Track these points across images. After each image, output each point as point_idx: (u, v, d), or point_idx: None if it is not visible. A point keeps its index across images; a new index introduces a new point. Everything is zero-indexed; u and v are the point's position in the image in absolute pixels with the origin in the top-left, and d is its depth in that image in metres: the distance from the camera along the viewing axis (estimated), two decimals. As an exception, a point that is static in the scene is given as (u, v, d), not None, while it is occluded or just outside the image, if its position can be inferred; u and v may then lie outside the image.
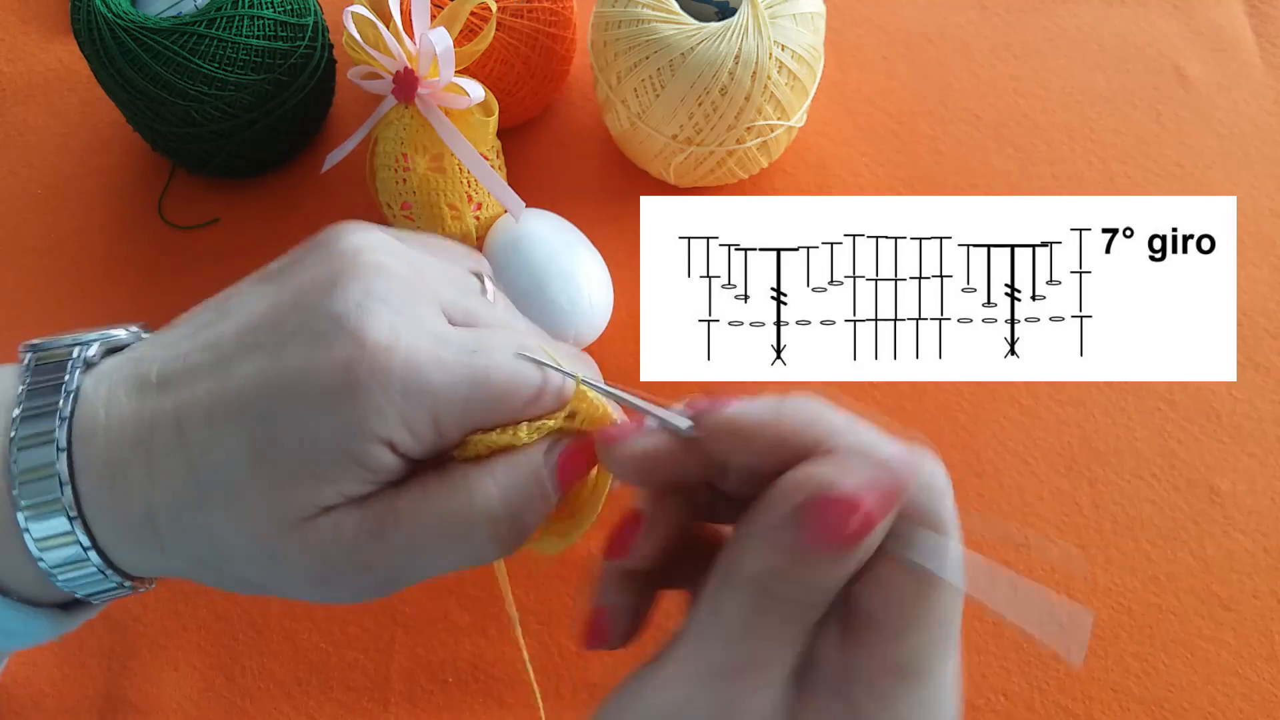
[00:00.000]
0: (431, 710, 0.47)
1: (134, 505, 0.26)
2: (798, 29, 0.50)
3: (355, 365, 0.25)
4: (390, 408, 0.25)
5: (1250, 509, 0.50)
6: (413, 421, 0.25)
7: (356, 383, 0.25)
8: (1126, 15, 0.64)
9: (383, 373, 0.25)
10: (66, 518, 0.26)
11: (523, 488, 0.27)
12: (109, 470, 0.26)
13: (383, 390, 0.25)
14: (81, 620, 0.30)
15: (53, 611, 0.28)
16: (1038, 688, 0.46)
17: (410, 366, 0.25)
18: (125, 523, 0.26)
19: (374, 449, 0.25)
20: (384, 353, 0.25)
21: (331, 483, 0.25)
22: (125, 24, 0.51)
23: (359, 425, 0.25)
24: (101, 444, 0.26)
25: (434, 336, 0.26)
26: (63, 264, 0.60)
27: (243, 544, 0.26)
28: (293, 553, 0.26)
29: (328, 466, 0.25)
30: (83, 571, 0.27)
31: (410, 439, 0.26)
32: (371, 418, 0.25)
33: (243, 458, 0.25)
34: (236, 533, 0.26)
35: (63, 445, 0.26)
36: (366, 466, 0.25)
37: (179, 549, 0.26)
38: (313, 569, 0.26)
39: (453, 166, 0.51)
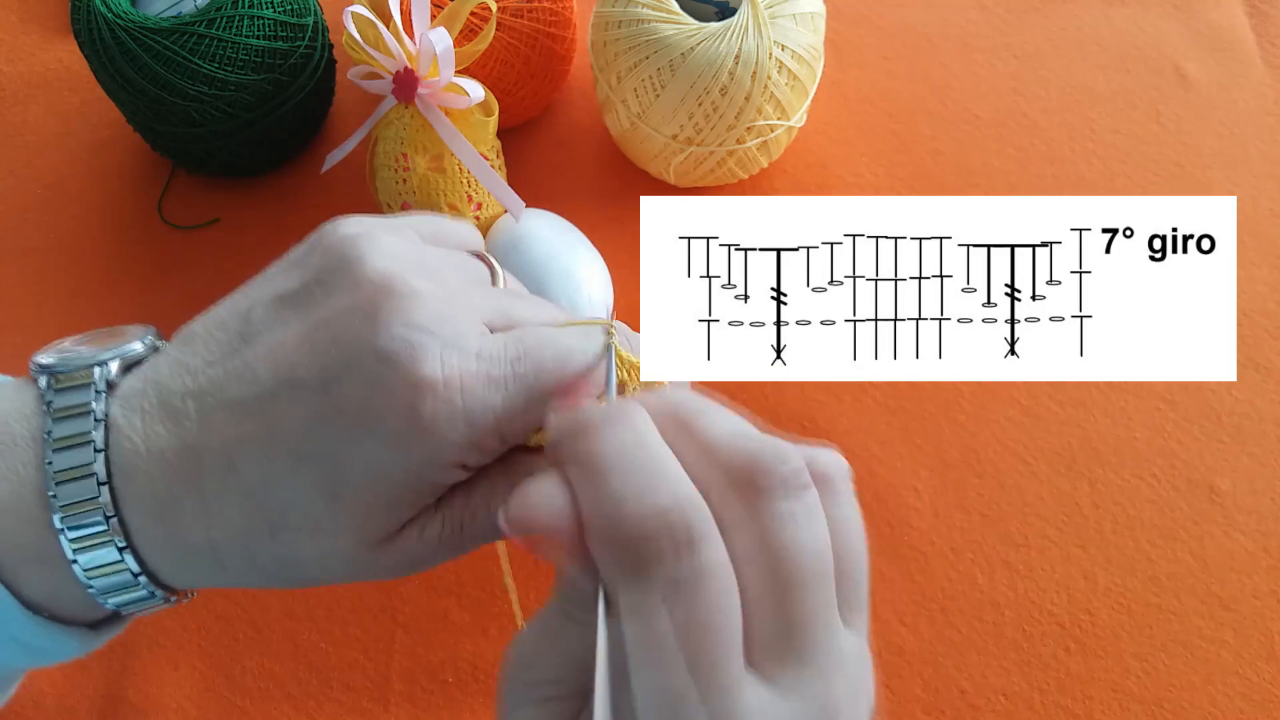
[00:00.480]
0: (431, 710, 0.47)
1: (193, 537, 0.26)
2: (798, 29, 0.50)
3: (418, 407, 0.25)
4: (458, 438, 0.26)
5: (1250, 509, 0.50)
6: (480, 443, 0.26)
7: (422, 423, 0.25)
8: (1126, 15, 0.64)
9: (446, 408, 0.25)
10: (116, 549, 0.26)
11: None
12: (158, 505, 0.26)
13: (449, 425, 0.25)
14: (108, 637, 0.30)
15: (84, 631, 0.28)
16: (1038, 688, 0.46)
17: (470, 396, 0.26)
18: (184, 552, 0.26)
19: (448, 473, 0.26)
20: (443, 389, 0.25)
21: (410, 506, 0.27)
22: (125, 24, 0.51)
23: (431, 459, 0.26)
24: (145, 479, 0.26)
25: (482, 358, 0.26)
26: (63, 264, 0.60)
27: (328, 562, 0.27)
28: (382, 561, 0.27)
29: (404, 494, 0.26)
30: (133, 595, 0.27)
31: (479, 456, 0.27)
32: (444, 451, 0.26)
33: (317, 496, 0.25)
34: (320, 555, 0.26)
35: (103, 479, 0.25)
36: (443, 485, 0.27)
37: (248, 571, 0.27)
38: (401, 568, 0.27)
39: (453, 166, 0.51)
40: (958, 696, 0.46)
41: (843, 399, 0.52)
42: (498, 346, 0.27)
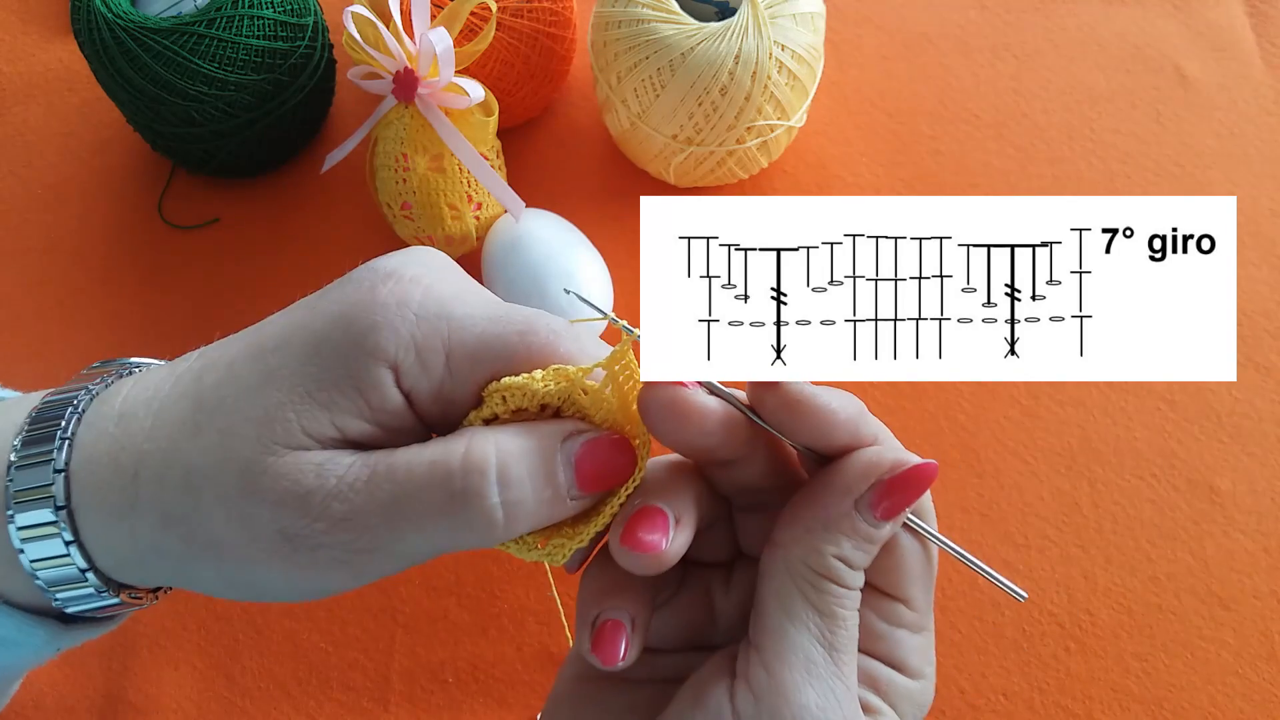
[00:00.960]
0: (431, 710, 0.47)
1: (139, 537, 0.26)
2: (798, 29, 0.50)
3: (377, 288, 0.25)
4: (403, 326, 0.24)
5: (1250, 509, 0.50)
6: (424, 343, 0.25)
7: (374, 301, 0.25)
8: (1126, 15, 0.64)
9: (402, 295, 0.25)
10: (63, 542, 0.25)
11: (528, 460, 0.25)
12: (108, 503, 0.26)
13: (398, 309, 0.25)
14: (83, 637, 0.29)
15: (53, 624, 0.28)
16: (1038, 688, 0.46)
17: (431, 295, 0.25)
18: (132, 550, 0.26)
19: (375, 369, 0.24)
20: (408, 281, 0.25)
21: (326, 406, 0.24)
22: (125, 24, 0.51)
23: (365, 338, 0.24)
24: (98, 477, 0.26)
25: (466, 288, 0.27)
26: (63, 264, 0.60)
27: (220, 474, 0.24)
28: (267, 486, 0.24)
29: (326, 387, 0.24)
30: (79, 591, 0.26)
31: (417, 367, 0.25)
32: (381, 331, 0.24)
33: (251, 379, 0.25)
34: (218, 460, 0.24)
35: (60, 467, 0.26)
36: (365, 388, 0.24)
37: (151, 500, 0.25)
38: (284, 516, 0.24)
39: (453, 166, 0.51)
40: (958, 696, 0.46)
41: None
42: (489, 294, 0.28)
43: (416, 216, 0.52)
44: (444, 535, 0.24)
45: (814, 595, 0.25)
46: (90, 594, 0.26)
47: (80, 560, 0.26)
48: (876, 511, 0.25)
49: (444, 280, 0.26)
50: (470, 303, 0.26)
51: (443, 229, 0.52)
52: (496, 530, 0.24)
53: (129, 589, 0.27)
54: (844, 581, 0.25)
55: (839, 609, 0.25)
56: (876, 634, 0.27)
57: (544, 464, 0.25)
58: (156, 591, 0.29)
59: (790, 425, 0.25)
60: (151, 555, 0.26)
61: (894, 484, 0.25)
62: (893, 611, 0.27)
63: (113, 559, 0.26)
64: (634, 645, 0.26)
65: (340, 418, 0.24)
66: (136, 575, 0.27)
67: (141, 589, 0.28)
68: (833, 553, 0.25)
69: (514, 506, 0.24)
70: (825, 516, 0.25)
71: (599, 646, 0.26)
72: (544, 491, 0.25)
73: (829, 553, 0.25)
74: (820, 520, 0.25)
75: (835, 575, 0.25)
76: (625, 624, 0.26)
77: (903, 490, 0.25)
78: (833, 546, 0.25)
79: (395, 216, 0.53)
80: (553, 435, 0.25)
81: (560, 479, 0.25)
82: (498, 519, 0.24)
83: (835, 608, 0.25)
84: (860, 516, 0.25)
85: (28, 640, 0.28)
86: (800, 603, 0.25)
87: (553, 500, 0.25)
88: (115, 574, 0.27)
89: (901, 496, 0.25)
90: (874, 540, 0.25)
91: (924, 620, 0.27)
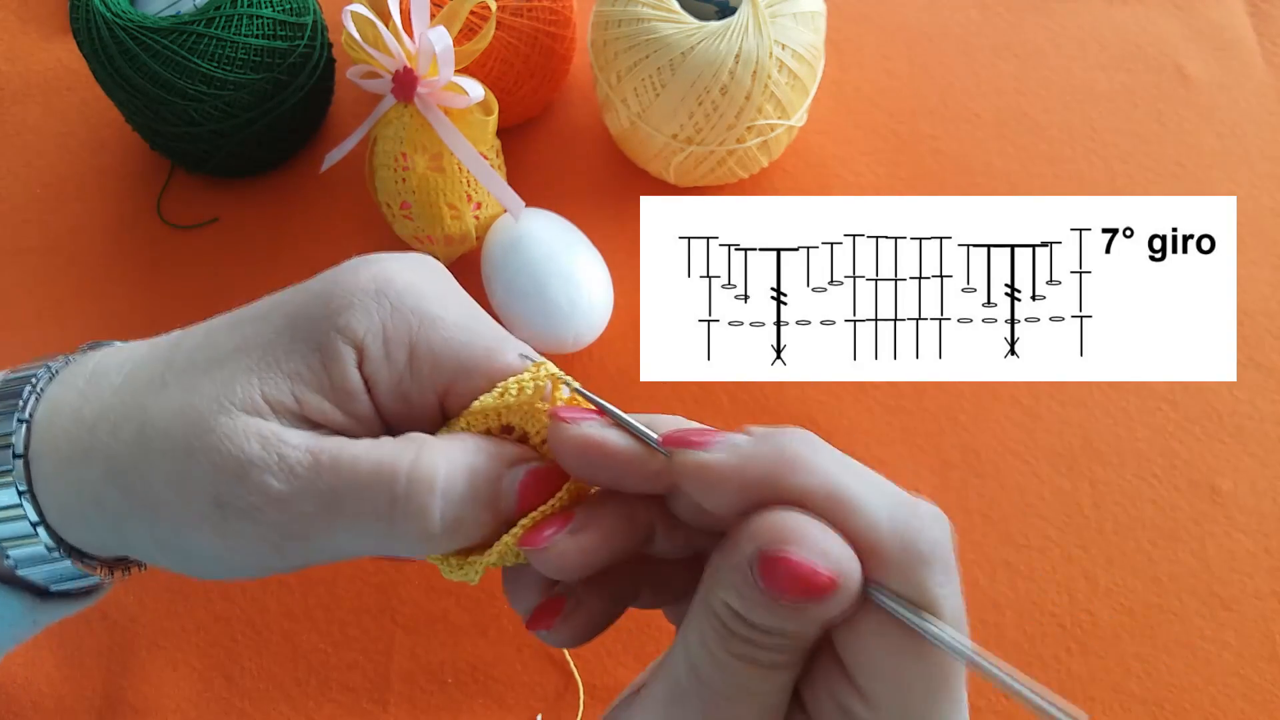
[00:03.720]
0: (431, 710, 0.47)
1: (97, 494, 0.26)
2: (798, 28, 0.50)
3: (361, 273, 0.25)
4: (376, 312, 0.25)
5: (1251, 509, 0.50)
6: (391, 333, 0.25)
7: (354, 284, 0.25)
8: (1127, 14, 0.64)
9: (383, 283, 0.25)
10: (16, 491, 0.26)
11: (474, 481, 0.24)
12: (65, 457, 0.26)
13: (376, 295, 0.25)
14: (60, 612, 0.29)
15: (26, 595, 0.28)
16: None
17: (412, 290, 0.25)
18: (70, 426, 0.26)
19: (341, 345, 0.25)
20: (394, 273, 0.25)
21: (289, 376, 0.24)
22: (124, 23, 0.51)
23: (338, 315, 0.25)
24: (58, 431, 0.26)
25: (451, 294, 0.26)
26: (62, 263, 0.60)
27: (171, 428, 0.24)
28: (212, 446, 0.23)
29: (293, 358, 0.25)
30: (32, 549, 0.26)
31: (380, 355, 0.25)
32: (354, 311, 0.25)
33: (226, 345, 0.25)
34: (173, 414, 0.24)
35: (24, 417, 0.26)
36: (329, 361, 0.25)
37: (102, 450, 0.25)
38: (220, 481, 0.23)
39: (452, 166, 0.51)
40: (958, 697, 0.46)
41: (843, 399, 0.52)
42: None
43: (416, 216, 0.52)
44: (376, 538, 0.24)
45: (704, 628, 0.22)
46: (41, 552, 0.27)
47: (32, 513, 0.26)
48: (764, 584, 0.20)
49: (431, 281, 0.26)
50: (449, 308, 0.26)
51: (442, 228, 0.52)
52: (429, 544, 0.24)
53: (81, 555, 0.27)
54: (734, 630, 0.21)
55: (722, 653, 0.21)
56: (823, 712, 0.22)
57: (488, 486, 0.25)
58: (114, 569, 0.29)
59: (699, 497, 0.22)
60: (93, 509, 0.26)
61: (771, 562, 0.20)
62: (844, 698, 0.21)
63: (58, 510, 0.26)
64: (566, 627, 0.26)
65: (301, 389, 0.25)
66: (78, 531, 0.27)
67: (93, 557, 0.28)
68: (722, 597, 0.21)
69: (453, 523, 0.24)
70: (724, 558, 0.22)
71: (537, 618, 0.26)
72: (484, 514, 0.24)
73: (719, 595, 0.21)
74: (721, 560, 0.22)
75: (724, 619, 0.21)
76: (569, 603, 0.26)
77: (783, 574, 0.20)
78: (722, 591, 0.21)
79: (395, 216, 0.53)
80: (503, 459, 0.25)
81: (502, 505, 0.25)
82: (434, 532, 0.24)
83: (719, 650, 0.21)
84: (754, 581, 0.20)
85: (4, 612, 0.28)
86: (692, 629, 0.22)
87: (491, 524, 0.25)
88: (61, 529, 0.27)
89: (783, 581, 0.20)
90: (773, 614, 0.20)
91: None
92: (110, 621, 0.49)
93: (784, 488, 0.21)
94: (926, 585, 0.20)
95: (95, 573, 0.28)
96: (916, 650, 0.20)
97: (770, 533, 0.20)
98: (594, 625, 0.26)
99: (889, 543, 0.20)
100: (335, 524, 0.24)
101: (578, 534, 0.24)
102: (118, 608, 0.49)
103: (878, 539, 0.20)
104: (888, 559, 0.20)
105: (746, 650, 0.21)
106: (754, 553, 0.20)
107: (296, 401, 0.24)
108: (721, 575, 0.21)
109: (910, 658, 0.20)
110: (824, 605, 0.20)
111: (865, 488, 0.21)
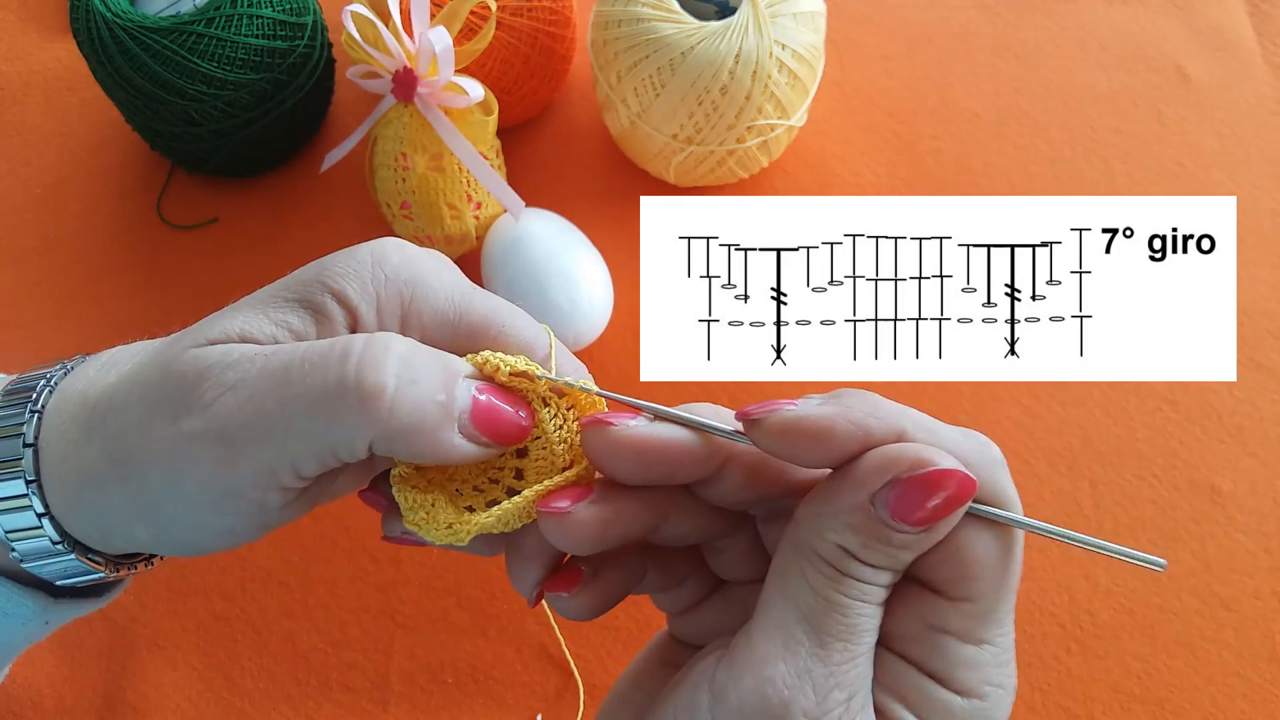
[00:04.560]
0: (431, 711, 0.47)
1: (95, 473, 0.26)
2: (798, 28, 0.50)
3: (360, 248, 0.26)
4: (371, 282, 0.26)
5: (1251, 509, 0.49)
6: (385, 302, 0.26)
7: (353, 256, 0.26)
8: (1128, 14, 0.64)
9: (380, 257, 0.26)
10: (24, 481, 0.26)
11: (431, 362, 0.24)
12: (67, 444, 0.26)
13: (372, 266, 0.26)
14: (72, 613, 0.30)
15: (39, 595, 0.29)
16: (1038, 688, 0.46)
17: (408, 264, 0.26)
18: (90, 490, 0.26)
19: (331, 302, 0.25)
20: (392, 249, 0.26)
21: (271, 319, 0.25)
22: (124, 23, 0.51)
23: (334, 280, 0.25)
24: (63, 421, 0.27)
25: (447, 269, 0.27)
26: (62, 264, 0.60)
27: (148, 363, 0.26)
28: (177, 371, 0.24)
29: (280, 307, 0.26)
30: (24, 516, 0.27)
31: (373, 321, 0.25)
32: (349, 278, 0.25)
33: (226, 309, 0.26)
34: (154, 352, 0.26)
35: (36, 408, 0.27)
36: (317, 312, 0.25)
37: (99, 426, 0.26)
38: (179, 393, 0.24)
39: (452, 166, 0.51)
40: (958, 697, 0.46)
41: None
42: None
43: (416, 216, 0.52)
44: (330, 410, 0.23)
45: (811, 575, 0.23)
46: (47, 546, 0.27)
47: (39, 504, 0.27)
48: (894, 513, 0.22)
49: (427, 259, 0.27)
50: (445, 280, 0.27)
51: (442, 228, 0.52)
52: (381, 406, 0.23)
53: (85, 550, 0.28)
54: (846, 570, 0.23)
55: (837, 595, 0.23)
56: (910, 636, 0.24)
57: (445, 374, 0.24)
58: (118, 566, 0.29)
59: (791, 454, 0.24)
60: (90, 488, 0.26)
61: (911, 485, 0.22)
62: (937, 613, 0.23)
63: (61, 498, 0.27)
64: (585, 594, 0.26)
65: (285, 336, 0.25)
66: (79, 521, 0.27)
67: (97, 552, 0.28)
68: (834, 540, 0.23)
69: (406, 387, 0.23)
70: (835, 502, 0.23)
71: (559, 581, 0.26)
72: (438, 394, 0.24)
73: (830, 539, 0.23)
74: (830, 506, 0.23)
75: (835, 561, 0.23)
76: (585, 572, 0.26)
77: (922, 492, 0.22)
78: (834, 534, 0.23)
79: (395, 216, 0.53)
80: (463, 367, 0.25)
81: (457, 395, 0.24)
82: (386, 393, 0.23)
83: (832, 593, 0.23)
84: (878, 515, 0.22)
85: (17, 610, 0.28)
86: (795, 580, 0.23)
87: (442, 410, 0.24)
88: (65, 520, 0.27)
89: (921, 500, 0.22)
90: (891, 543, 0.23)
91: (985, 629, 0.23)
92: (110, 621, 0.49)
93: (875, 430, 0.23)
94: (1005, 485, 0.24)
95: (100, 569, 0.28)
96: (1006, 543, 0.23)
97: (903, 461, 0.22)
98: (609, 598, 0.27)
99: (974, 457, 0.23)
100: (289, 405, 0.23)
101: (598, 504, 0.25)
102: (118, 608, 0.49)
103: (964, 455, 0.23)
104: (976, 468, 0.23)
105: (856, 590, 0.23)
106: (884, 485, 0.22)
107: (276, 342, 0.25)
108: (827, 521, 0.23)
109: (1003, 551, 0.23)
110: (956, 515, 0.23)
111: (935, 423, 0.24)
